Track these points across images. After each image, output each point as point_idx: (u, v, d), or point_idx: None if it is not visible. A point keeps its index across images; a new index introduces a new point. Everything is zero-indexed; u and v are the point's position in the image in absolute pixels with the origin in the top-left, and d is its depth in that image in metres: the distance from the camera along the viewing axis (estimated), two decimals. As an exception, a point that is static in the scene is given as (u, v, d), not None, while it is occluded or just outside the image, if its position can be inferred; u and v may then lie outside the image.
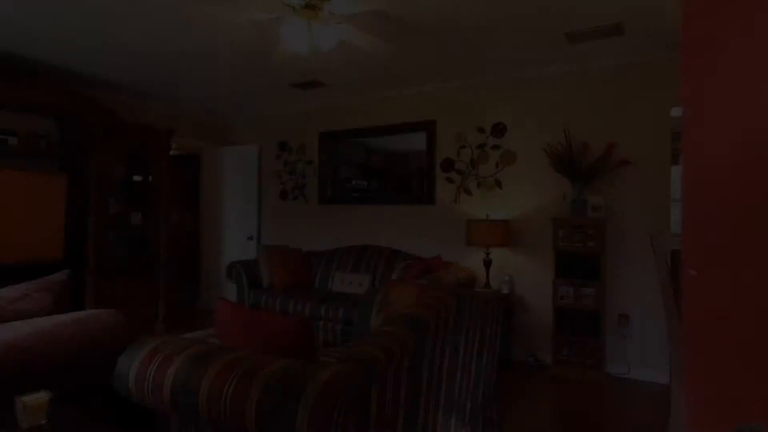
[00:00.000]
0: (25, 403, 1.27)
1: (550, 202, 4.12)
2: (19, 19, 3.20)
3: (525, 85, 4.25)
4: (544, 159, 4.13)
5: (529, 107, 4.24)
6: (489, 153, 4.42)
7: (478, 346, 2.26)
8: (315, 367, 1.30)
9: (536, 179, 4.19)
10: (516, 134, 4.30)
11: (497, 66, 4.09)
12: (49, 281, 1.91)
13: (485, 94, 4.45)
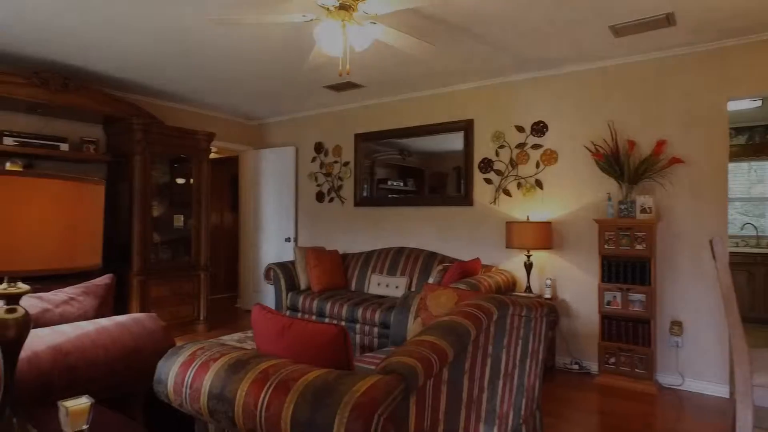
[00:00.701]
0: (68, 409, 1.29)
1: (593, 203, 3.94)
2: (75, 31, 3.33)
3: (567, 81, 4.09)
4: (588, 158, 3.96)
5: (571, 104, 4.07)
6: (529, 152, 4.28)
7: (521, 354, 2.16)
8: (351, 378, 1.25)
9: (579, 179, 4.02)
10: (557, 133, 4.14)
11: (537, 63, 3.95)
12: (93, 285, 1.96)
13: (524, 92, 4.31)
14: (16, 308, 1.19)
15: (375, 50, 3.65)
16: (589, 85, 3.99)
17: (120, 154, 4.63)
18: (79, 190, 1.13)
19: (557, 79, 4.14)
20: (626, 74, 3.83)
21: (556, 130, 4.15)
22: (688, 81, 3.58)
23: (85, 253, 1.17)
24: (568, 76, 4.08)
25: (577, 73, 4.04)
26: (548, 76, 4.18)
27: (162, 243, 4.98)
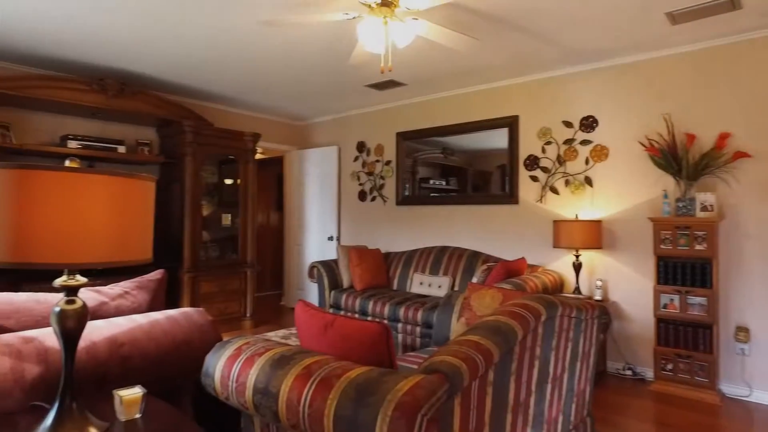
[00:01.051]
0: (122, 398, 1.34)
1: (648, 201, 3.74)
2: (131, 39, 3.50)
3: (618, 73, 3.90)
4: (642, 153, 3.76)
5: (622, 97, 3.88)
6: (578, 149, 4.12)
7: (571, 357, 2.07)
8: (394, 377, 1.23)
9: (632, 176, 3.83)
10: (608, 127, 3.96)
11: (587, 54, 3.80)
12: (146, 280, 2.03)
13: (572, 86, 4.15)
14: (75, 300, 1.24)
15: (417, 47, 3.62)
16: (643, 77, 3.79)
17: (172, 155, 4.82)
18: (130, 186, 1.17)
19: (608, 71, 3.96)
20: (684, 63, 3.61)
21: (606, 124, 3.97)
22: (755, 68, 3.33)
23: (137, 247, 1.21)
24: (620, 68, 3.90)
25: (630, 64, 3.85)
26: (598, 68, 4.00)
27: (211, 241, 5.15)
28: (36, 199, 1.05)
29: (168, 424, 1.36)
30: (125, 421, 1.33)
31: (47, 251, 1.06)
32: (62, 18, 3.16)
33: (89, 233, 1.11)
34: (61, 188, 1.06)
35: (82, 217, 1.09)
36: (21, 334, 1.49)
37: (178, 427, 1.34)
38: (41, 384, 1.41)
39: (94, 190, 1.10)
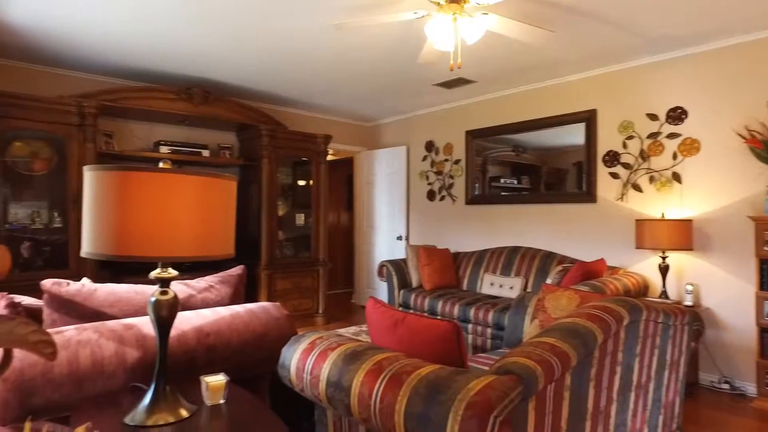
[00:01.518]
0: (208, 384, 1.44)
1: (747, 198, 3.39)
2: (211, 49, 3.75)
3: (712, 58, 3.57)
4: (740, 146, 3.42)
5: (716, 86, 3.55)
6: (664, 142, 3.83)
7: (657, 365, 1.93)
8: (466, 376, 1.22)
9: (728, 171, 3.49)
10: (699, 118, 3.64)
11: (673, 41, 3.51)
12: (228, 275, 2.16)
13: (657, 76, 3.86)
14: (167, 291, 1.35)
15: (487, 43, 3.54)
16: (740, 62, 3.44)
17: (250, 158, 5.09)
18: (214, 185, 1.25)
19: (699, 57, 3.64)
20: (792, 45, 3.23)
21: (697, 115, 3.65)
22: None
23: (220, 243, 1.29)
24: (714, 53, 3.57)
25: (724, 49, 3.51)
26: (687, 54, 3.69)
27: (286, 240, 5.38)
28: (134, 198, 1.15)
29: (248, 411, 1.43)
30: (211, 406, 1.43)
31: (143, 246, 1.16)
32: (155, 34, 3.45)
33: (179, 229, 1.20)
34: (155, 187, 1.16)
35: (173, 214, 1.19)
36: (123, 322, 1.65)
37: (257, 415, 1.41)
38: (140, 367, 1.55)
39: (183, 189, 1.19)
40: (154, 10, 3.05)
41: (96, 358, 1.48)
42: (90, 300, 1.71)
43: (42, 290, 1.67)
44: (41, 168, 3.94)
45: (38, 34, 3.45)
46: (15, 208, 3.89)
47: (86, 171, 1.23)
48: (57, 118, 3.79)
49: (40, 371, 1.39)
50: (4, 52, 3.81)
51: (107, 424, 1.29)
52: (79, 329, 1.54)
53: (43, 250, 3.93)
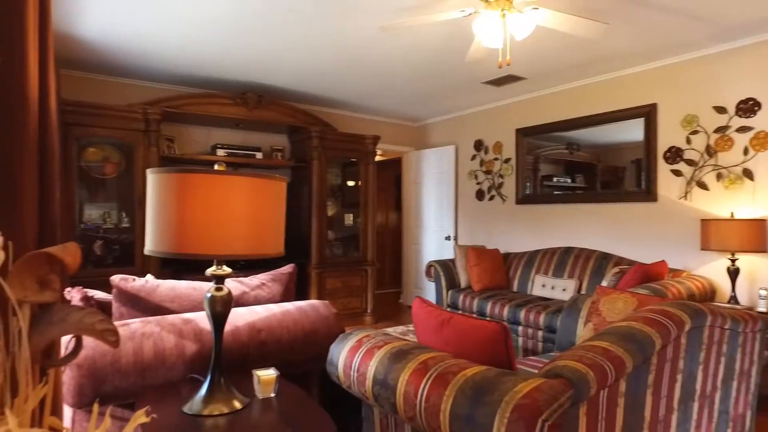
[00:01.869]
0: (259, 377, 1.49)
1: (832, 195, 3.10)
2: (263, 55, 3.89)
3: (789, 44, 3.30)
4: (823, 138, 3.13)
5: (795, 73, 3.27)
6: (733, 137, 3.57)
7: (724, 375, 1.81)
8: (513, 378, 1.19)
9: (809, 165, 3.21)
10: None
11: (743, 28, 3.27)
12: (280, 273, 2.24)
13: (725, 66, 3.61)
14: (222, 287, 1.42)
15: (537, 38, 3.45)
16: (824, 47, 3.15)
17: (301, 159, 5.23)
18: (265, 186, 1.30)
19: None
20: None
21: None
22: None
23: (270, 242, 1.34)
24: (791, 39, 3.29)
25: (805, 34, 3.23)
26: (759, 42, 3.43)
27: (335, 240, 5.48)
28: (190, 199, 1.22)
29: (298, 405, 1.48)
30: (262, 399, 1.49)
31: (199, 244, 1.23)
32: (212, 44, 3.61)
33: (232, 229, 1.26)
34: (210, 189, 1.22)
35: (227, 214, 1.25)
36: (182, 316, 1.74)
37: (306, 409, 1.45)
38: (197, 359, 1.63)
39: (236, 191, 1.25)
40: (211, 21, 3.20)
41: (158, 349, 1.58)
42: (153, 295, 1.82)
43: (111, 285, 1.79)
44: (111, 171, 4.23)
45: (108, 46, 3.70)
46: (89, 209, 4.21)
47: (149, 174, 1.31)
48: (125, 124, 4.06)
49: (110, 361, 1.50)
50: (79, 64, 4.13)
51: (168, 412, 1.37)
52: (143, 322, 1.64)
53: (113, 248, 4.22)
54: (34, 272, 0.45)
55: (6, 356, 0.44)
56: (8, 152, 0.72)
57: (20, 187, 0.78)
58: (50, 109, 1.00)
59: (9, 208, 0.71)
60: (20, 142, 0.82)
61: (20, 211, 0.73)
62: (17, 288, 0.43)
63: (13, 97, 0.81)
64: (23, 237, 0.75)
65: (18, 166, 0.80)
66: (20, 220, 0.72)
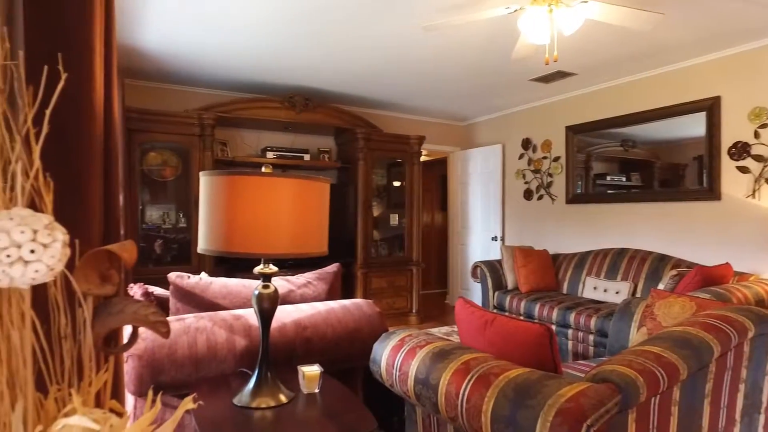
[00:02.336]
0: (304, 373, 1.54)
1: None
2: (310, 59, 3.99)
3: None
4: None
5: None
6: (808, 129, 3.30)
7: (793, 388, 1.68)
8: (557, 381, 1.17)
9: None
10: None
11: (821, 10, 3.02)
12: (325, 272, 2.29)
13: (800, 52, 3.34)
14: (269, 285, 1.48)
15: (587, 32, 3.33)
16: None
17: (347, 160, 5.31)
18: (309, 187, 1.34)
19: None
20: None
21: None
22: None
23: (314, 241, 1.38)
24: None
25: None
26: (840, 25, 3.15)
27: (381, 240, 5.52)
28: (239, 200, 1.28)
29: (341, 401, 1.51)
30: (307, 394, 1.53)
31: (247, 243, 1.29)
32: (262, 50, 3.75)
33: (277, 228, 1.31)
34: (257, 190, 1.28)
35: (273, 214, 1.30)
36: (233, 312, 1.82)
37: (349, 405, 1.48)
38: (246, 354, 1.71)
39: (281, 192, 1.30)
40: (260, 29, 3.32)
41: (210, 343, 1.66)
42: (206, 292, 1.92)
43: (168, 282, 1.90)
44: (170, 174, 4.47)
45: (166, 56, 3.92)
46: (150, 211, 4.47)
47: (201, 176, 1.38)
48: (182, 129, 4.28)
49: (166, 353, 1.59)
50: (141, 74, 4.39)
51: (219, 403, 1.44)
52: (197, 317, 1.74)
53: (171, 247, 4.46)
54: (97, 268, 0.50)
55: (73, 343, 0.49)
56: (76, 158, 0.79)
57: (87, 190, 0.85)
58: (114, 117, 1.08)
59: (76, 208, 0.78)
60: (87, 148, 0.89)
61: (86, 212, 0.79)
62: (82, 282, 0.48)
63: (81, 108, 0.88)
64: (89, 235, 0.81)
65: (85, 171, 0.88)
66: (86, 220, 0.79)
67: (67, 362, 0.47)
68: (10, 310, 0.40)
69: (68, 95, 0.81)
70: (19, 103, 0.45)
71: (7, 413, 0.39)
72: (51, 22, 0.84)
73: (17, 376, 0.40)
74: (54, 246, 0.37)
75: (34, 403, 0.41)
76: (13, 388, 0.39)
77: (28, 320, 0.41)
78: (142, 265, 4.18)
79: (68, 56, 0.81)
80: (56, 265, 0.38)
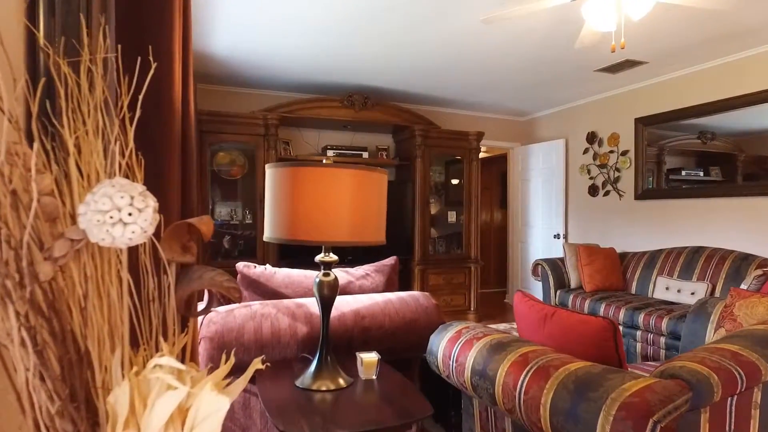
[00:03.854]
0: (362, 359, 1.58)
1: None
2: (368, 58, 4.06)
3: None
4: None
5: None
6: None
7: None
8: (620, 375, 1.13)
9: None
10: None
11: None
12: (383, 265, 2.33)
13: None
14: (329, 273, 1.53)
15: (656, 16, 3.14)
16: None
17: (405, 158, 5.34)
18: (366, 177, 1.38)
19: None
20: None
21: None
22: None
23: (372, 230, 1.42)
24: None
25: None
26: None
27: (438, 237, 5.50)
28: (301, 190, 1.34)
29: (397, 388, 1.54)
30: (365, 380, 1.57)
31: (308, 231, 1.35)
32: (322, 51, 3.86)
33: (337, 217, 1.36)
34: (317, 180, 1.33)
35: (332, 204, 1.35)
36: (295, 301, 1.90)
37: (405, 392, 1.51)
38: (308, 340, 1.78)
39: (340, 182, 1.35)
40: (320, 31, 3.43)
41: (274, 329, 1.75)
42: (270, 281, 2.02)
43: (236, 271, 2.02)
44: (237, 173, 4.71)
45: (233, 61, 4.14)
46: (219, 208, 4.74)
47: (267, 168, 1.46)
48: (248, 130, 4.50)
49: (235, 337, 1.69)
50: (210, 78, 4.66)
51: (282, 385, 1.51)
52: (263, 304, 1.83)
53: (238, 242, 4.70)
54: (179, 239, 0.55)
55: (159, 306, 0.55)
56: (158, 146, 0.87)
57: (167, 174, 0.94)
58: (190, 116, 1.18)
59: (159, 192, 0.86)
60: (167, 138, 0.98)
61: (167, 193, 0.87)
62: (167, 250, 0.54)
63: (161, 102, 0.97)
64: (170, 214, 0.89)
65: (165, 158, 0.97)
66: (167, 203, 0.87)
67: (155, 322, 0.53)
68: (110, 271, 0.46)
69: (151, 90, 0.90)
70: (117, 91, 0.51)
71: (108, 358, 0.45)
72: (136, 23, 0.93)
73: (115, 330, 0.46)
74: (147, 211, 0.42)
75: (129, 355, 0.47)
76: (112, 338, 0.45)
77: (125, 280, 0.47)
78: (212, 259, 4.44)
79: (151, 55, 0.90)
80: (149, 228, 0.43)
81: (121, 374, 0.45)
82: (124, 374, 0.45)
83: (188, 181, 1.11)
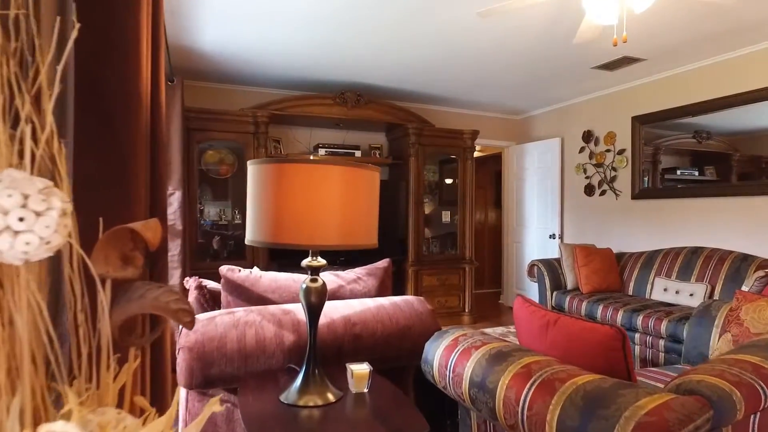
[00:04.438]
0: (353, 372, 1.48)
1: None
2: (361, 54, 3.95)
3: None
4: None
5: None
6: None
7: None
8: (633, 391, 1.03)
9: None
10: None
11: None
12: (375, 268, 2.22)
13: None
14: (317, 279, 1.42)
15: (658, 10, 3.07)
16: None
17: (398, 156, 5.23)
18: (357, 175, 1.27)
19: None
20: None
21: None
22: None
23: (363, 232, 1.31)
24: None
25: None
26: None
27: (432, 237, 5.40)
28: (286, 188, 1.23)
29: (391, 402, 1.44)
30: (355, 393, 1.47)
31: (294, 234, 1.24)
32: (313, 47, 3.75)
33: (325, 218, 1.25)
34: (304, 177, 1.22)
35: (320, 203, 1.24)
36: (282, 307, 1.79)
37: (399, 407, 1.41)
38: (295, 349, 1.67)
39: (329, 179, 1.24)
40: (309, 24, 3.31)
41: (259, 338, 1.64)
42: (256, 286, 1.90)
43: (220, 275, 1.91)
44: (226, 172, 4.59)
45: (222, 57, 4.01)
46: (208, 208, 4.61)
47: (249, 165, 1.35)
48: (238, 128, 4.37)
49: (216, 346, 1.58)
50: (198, 75, 4.53)
51: (266, 399, 1.40)
52: (247, 311, 1.72)
53: (227, 243, 4.57)
54: (119, 248, 0.44)
55: (93, 332, 0.44)
56: (122, 144, 0.77)
57: (132, 174, 0.83)
58: (160, 113, 1.07)
59: (121, 190, 0.75)
60: (133, 136, 0.87)
61: (130, 194, 0.77)
62: (101, 263, 0.43)
63: (128, 99, 0.87)
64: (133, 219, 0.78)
65: (131, 156, 0.86)
66: (129, 202, 0.76)
67: (85, 352, 0.42)
68: (13, 291, 0.35)
69: (116, 86, 0.80)
70: (28, 60, 0.40)
71: (1, 408, 0.34)
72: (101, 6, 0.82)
73: (20, 366, 0.35)
74: (49, 214, 0.31)
75: (42, 397, 0.36)
76: (11, 379, 0.34)
77: (23, 303, 0.35)
78: (200, 260, 4.31)
79: (116, 52, 0.80)
80: (54, 238, 0.32)
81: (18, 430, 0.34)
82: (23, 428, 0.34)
83: (158, 181, 1.00)
